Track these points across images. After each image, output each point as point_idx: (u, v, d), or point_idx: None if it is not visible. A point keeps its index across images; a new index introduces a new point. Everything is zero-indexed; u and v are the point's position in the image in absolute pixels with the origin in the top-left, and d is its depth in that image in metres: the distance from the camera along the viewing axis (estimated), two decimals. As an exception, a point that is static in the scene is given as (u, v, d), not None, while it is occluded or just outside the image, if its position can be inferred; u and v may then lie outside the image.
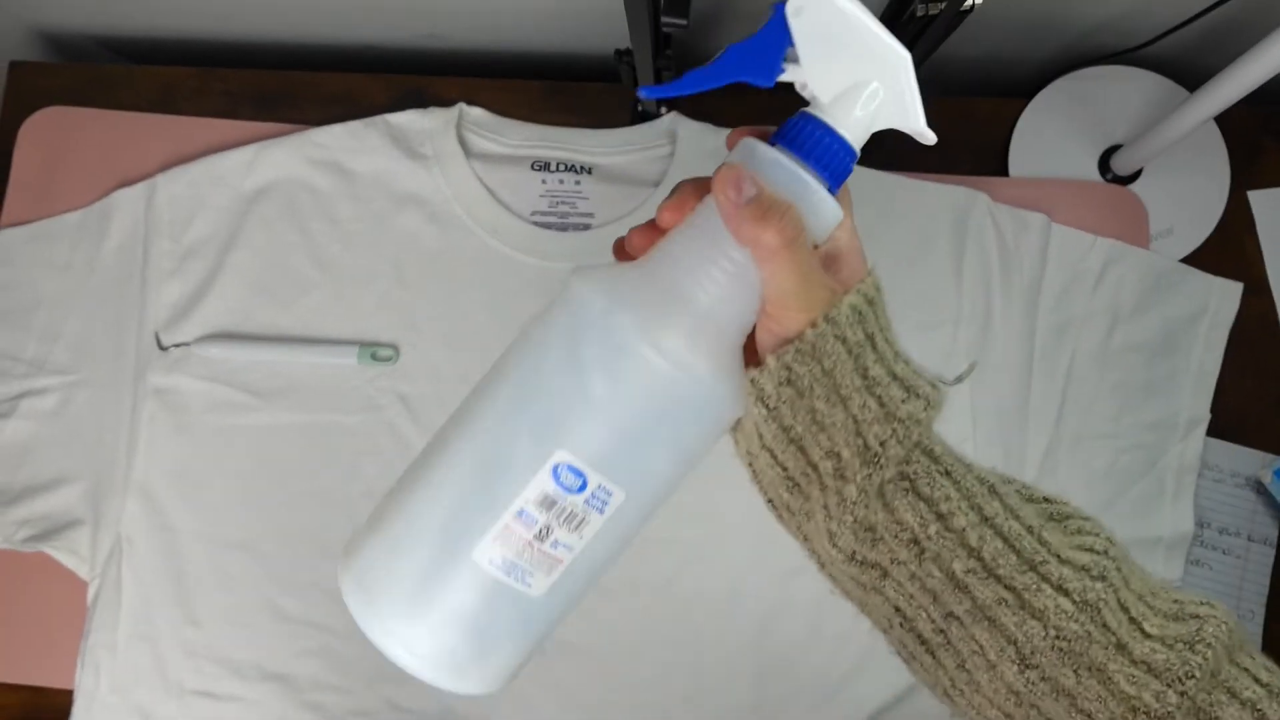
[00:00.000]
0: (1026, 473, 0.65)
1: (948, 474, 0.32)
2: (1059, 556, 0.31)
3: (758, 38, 0.34)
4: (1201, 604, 0.32)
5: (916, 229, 0.68)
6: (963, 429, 0.65)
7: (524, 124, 0.70)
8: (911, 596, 0.33)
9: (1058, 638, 0.30)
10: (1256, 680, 0.31)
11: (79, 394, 0.67)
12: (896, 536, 0.32)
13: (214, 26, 0.77)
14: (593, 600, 0.39)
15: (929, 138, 0.33)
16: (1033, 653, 0.31)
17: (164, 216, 0.69)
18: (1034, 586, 0.31)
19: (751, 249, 0.31)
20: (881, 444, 0.31)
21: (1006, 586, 0.31)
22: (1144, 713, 0.30)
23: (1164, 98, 0.71)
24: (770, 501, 0.35)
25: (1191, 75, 0.69)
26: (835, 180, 0.33)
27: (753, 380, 0.32)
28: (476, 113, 0.70)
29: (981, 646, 0.32)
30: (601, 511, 0.31)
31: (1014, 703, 0.32)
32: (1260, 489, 0.66)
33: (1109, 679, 0.30)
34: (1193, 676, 0.30)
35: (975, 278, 0.67)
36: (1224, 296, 0.68)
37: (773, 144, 0.33)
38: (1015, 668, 0.31)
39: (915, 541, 0.32)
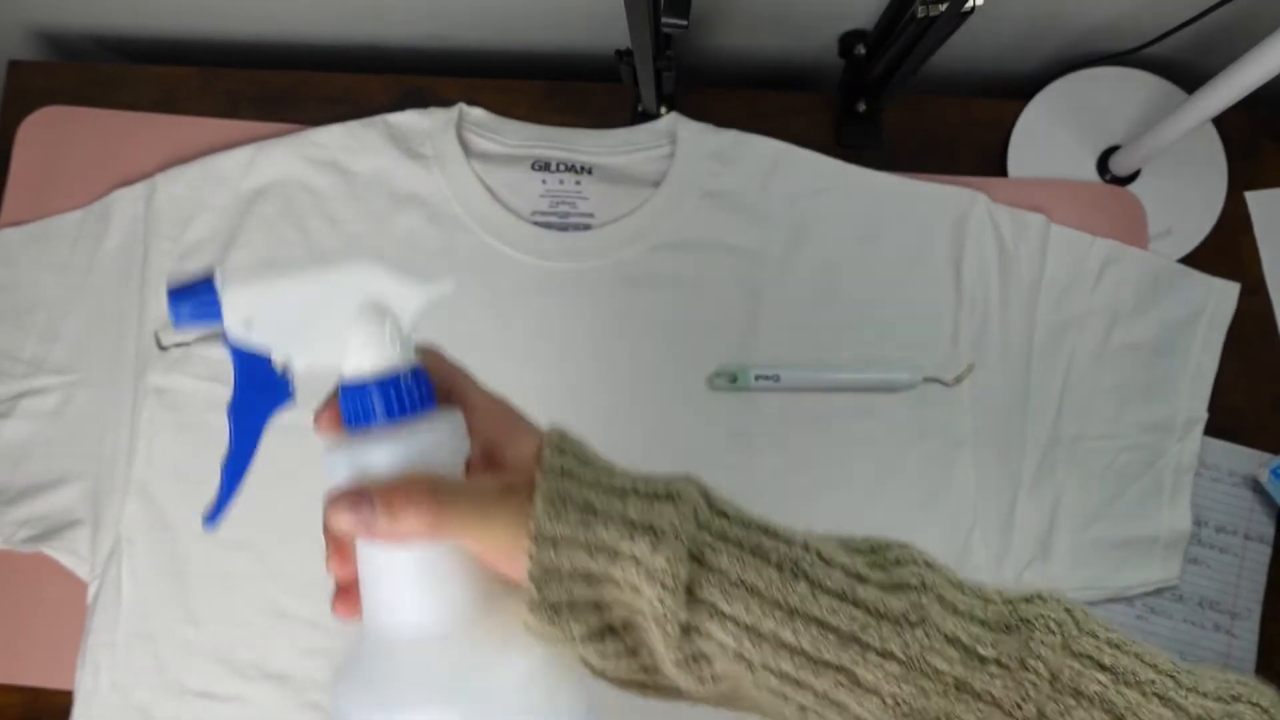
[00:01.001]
0: (1025, 472, 0.65)
1: (739, 582, 0.30)
2: (876, 612, 0.30)
3: (241, 385, 0.34)
4: (1028, 601, 0.31)
5: (915, 229, 0.68)
6: (962, 429, 0.65)
7: (524, 124, 0.70)
8: (771, 697, 0.32)
9: (896, 705, 0.29)
10: (1100, 666, 0.30)
11: (78, 394, 0.67)
12: (717, 658, 0.31)
13: (214, 26, 0.77)
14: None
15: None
16: None
17: (163, 216, 0.69)
18: (860, 660, 0.30)
19: (416, 542, 0.31)
20: (664, 575, 0.30)
21: (836, 669, 0.30)
22: None
23: (1162, 99, 0.71)
24: (640, 686, 0.34)
25: (1190, 77, 0.69)
26: (417, 405, 0.32)
27: (527, 624, 0.31)
28: (477, 113, 0.70)
29: None
30: None
31: None
32: (1257, 488, 0.67)
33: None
34: (1029, 699, 0.29)
35: (974, 278, 0.67)
36: (1221, 297, 0.68)
37: (348, 428, 0.32)
38: None
39: (739, 656, 0.31)
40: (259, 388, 0.33)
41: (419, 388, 0.32)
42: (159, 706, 0.63)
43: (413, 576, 0.31)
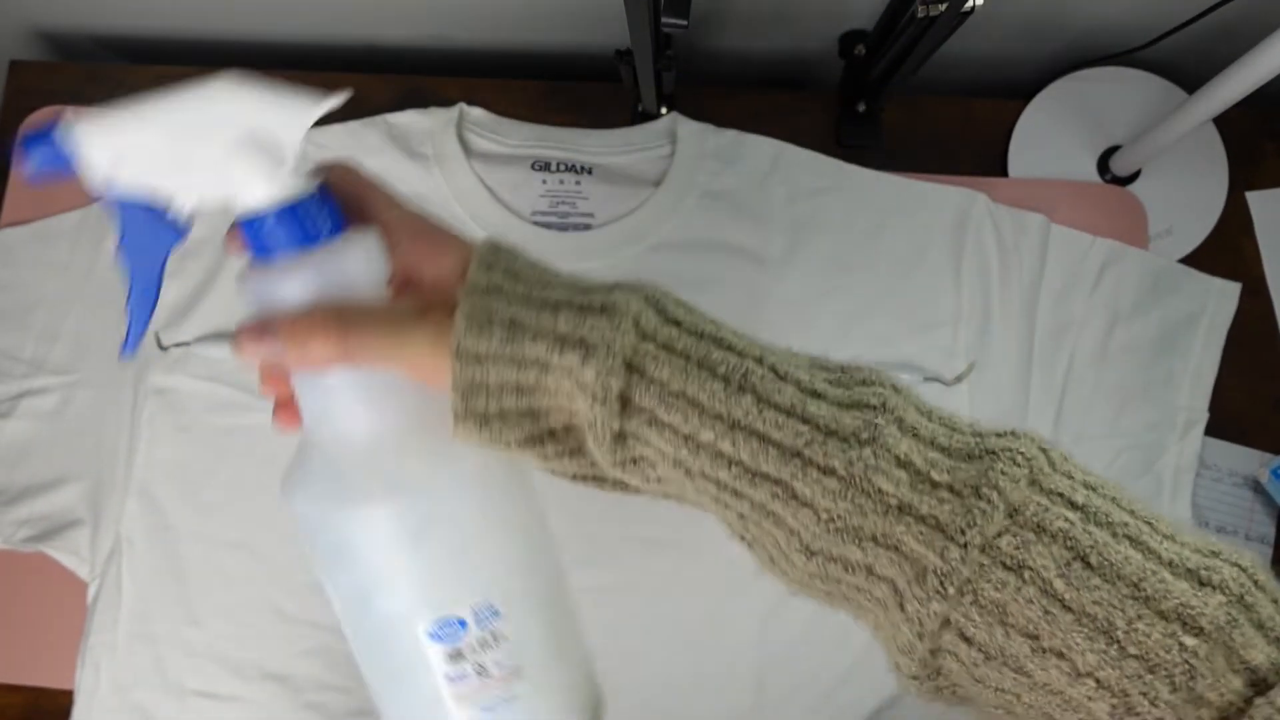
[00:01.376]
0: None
1: (680, 393, 0.30)
2: (825, 428, 0.29)
3: (127, 231, 0.32)
4: (999, 435, 0.29)
5: (915, 229, 0.68)
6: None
7: (524, 124, 0.70)
8: (712, 503, 0.32)
9: (831, 520, 0.28)
10: (1070, 504, 0.28)
11: (79, 394, 0.67)
12: (658, 462, 0.31)
13: (214, 26, 0.77)
14: (591, 601, 0.39)
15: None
16: (813, 539, 0.29)
17: (164, 216, 0.69)
18: (799, 474, 0.29)
19: (331, 368, 0.31)
20: (594, 386, 0.29)
21: (774, 481, 0.29)
22: (934, 573, 0.27)
23: (1163, 99, 0.71)
24: (594, 480, 0.34)
25: (1190, 77, 0.69)
26: (322, 231, 0.31)
27: (456, 435, 0.32)
28: (477, 113, 0.70)
29: (774, 538, 0.30)
30: (498, 613, 0.33)
31: (820, 581, 0.30)
32: (1257, 488, 0.67)
33: (897, 543, 0.28)
34: (974, 525, 0.27)
35: (974, 278, 0.67)
36: (1222, 297, 0.68)
37: (254, 260, 0.32)
38: (802, 557, 0.29)
39: (678, 463, 0.30)
40: (147, 230, 0.31)
41: (322, 213, 0.31)
42: (159, 706, 0.63)
43: (341, 393, 0.32)
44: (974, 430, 0.30)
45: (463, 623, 0.33)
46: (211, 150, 0.29)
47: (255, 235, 0.31)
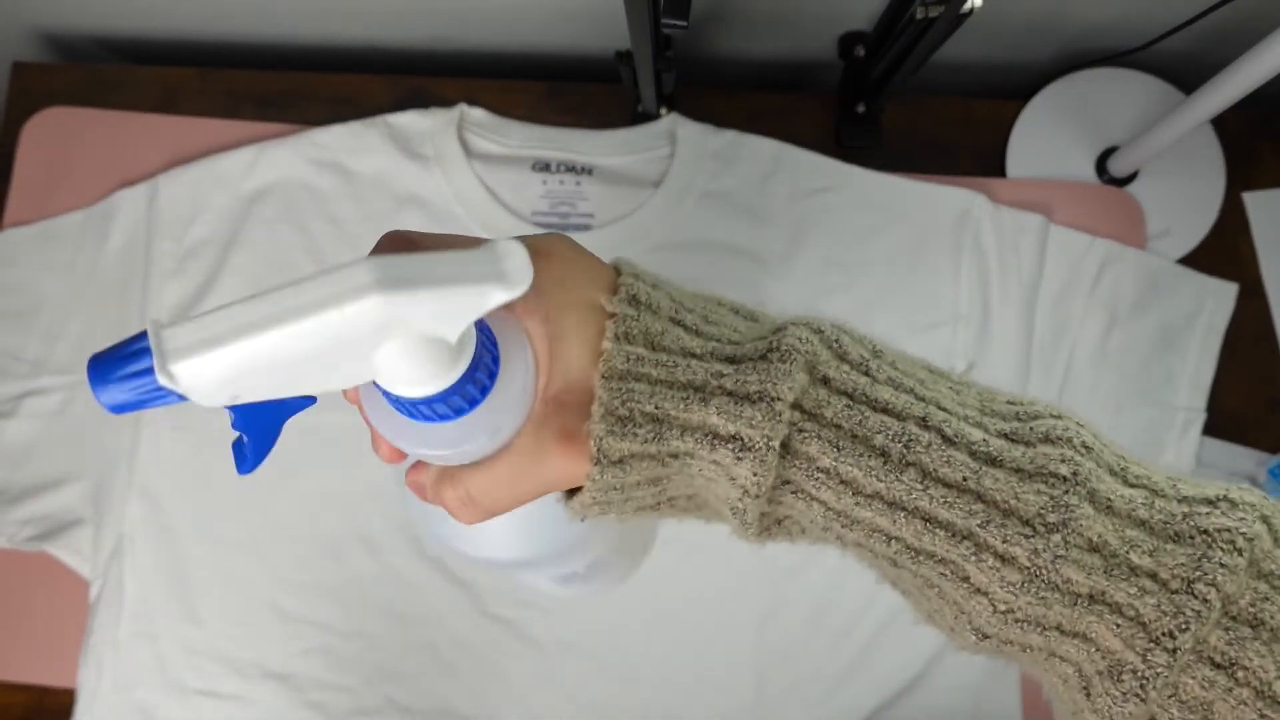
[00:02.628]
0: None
1: (831, 470, 0.26)
2: (1004, 507, 0.25)
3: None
4: (1212, 504, 0.25)
5: (915, 229, 0.68)
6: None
7: (524, 125, 0.71)
8: (862, 557, 0.29)
9: (1009, 612, 0.25)
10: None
11: (81, 394, 0.67)
12: (807, 527, 0.28)
13: (215, 27, 0.77)
14: (592, 599, 0.40)
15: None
16: (986, 625, 0.26)
17: (166, 217, 0.69)
18: (972, 557, 0.25)
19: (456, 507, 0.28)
20: (748, 483, 0.26)
21: (941, 560, 0.26)
22: (1132, 673, 0.24)
23: (1160, 100, 0.72)
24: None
25: (1188, 78, 0.70)
26: (482, 391, 0.26)
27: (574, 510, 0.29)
28: (477, 113, 0.71)
29: (940, 609, 0.27)
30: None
31: (990, 653, 0.27)
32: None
33: (1086, 631, 0.25)
34: (1187, 629, 0.24)
35: (973, 278, 0.67)
36: (1219, 297, 0.68)
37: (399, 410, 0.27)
38: (973, 636, 0.27)
39: (828, 530, 0.27)
40: (266, 416, 0.27)
41: (484, 373, 0.26)
42: (161, 705, 0.63)
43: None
44: (1179, 494, 0.26)
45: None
46: (360, 364, 0.24)
47: (404, 406, 0.26)
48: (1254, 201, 0.71)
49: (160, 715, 0.63)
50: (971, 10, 0.52)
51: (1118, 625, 0.24)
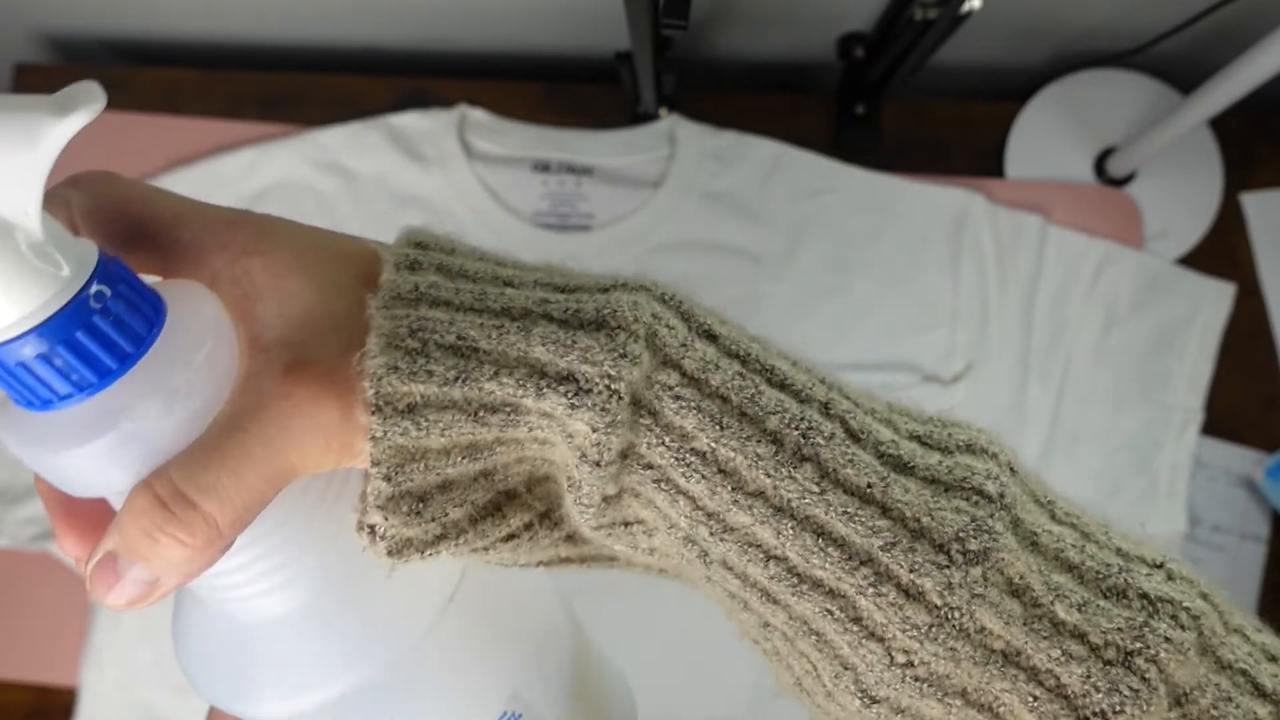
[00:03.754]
0: (1022, 471, 0.65)
1: (707, 454, 0.20)
2: (914, 527, 0.19)
3: None
4: (1155, 567, 0.21)
5: (914, 230, 0.68)
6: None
7: (525, 125, 0.71)
8: (727, 599, 0.23)
9: (908, 665, 0.20)
10: (1258, 691, 0.20)
11: (83, 393, 0.67)
12: (657, 530, 0.22)
13: (216, 28, 0.78)
14: (590, 600, 0.40)
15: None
16: (877, 684, 0.20)
17: (167, 217, 0.69)
18: (869, 589, 0.19)
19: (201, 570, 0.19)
20: (587, 445, 0.20)
21: (829, 593, 0.20)
22: None
23: (1158, 101, 0.72)
24: (569, 562, 0.25)
25: (1186, 79, 0.70)
26: (132, 344, 0.18)
27: (375, 546, 0.21)
28: (478, 114, 0.71)
29: (813, 666, 0.21)
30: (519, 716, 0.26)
31: None
32: (1252, 487, 0.67)
33: (994, 703, 0.20)
34: (1122, 712, 0.19)
35: (972, 278, 0.67)
36: (1217, 297, 0.69)
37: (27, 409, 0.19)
38: (856, 700, 0.21)
39: (690, 541, 0.21)
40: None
41: (128, 311, 0.18)
42: (163, 703, 0.63)
43: (230, 583, 0.21)
44: (1112, 543, 0.21)
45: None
46: None
47: (18, 382, 0.17)
48: (1251, 202, 0.71)
49: (162, 713, 0.63)
50: (970, 11, 0.52)
51: (1034, 698, 0.19)
